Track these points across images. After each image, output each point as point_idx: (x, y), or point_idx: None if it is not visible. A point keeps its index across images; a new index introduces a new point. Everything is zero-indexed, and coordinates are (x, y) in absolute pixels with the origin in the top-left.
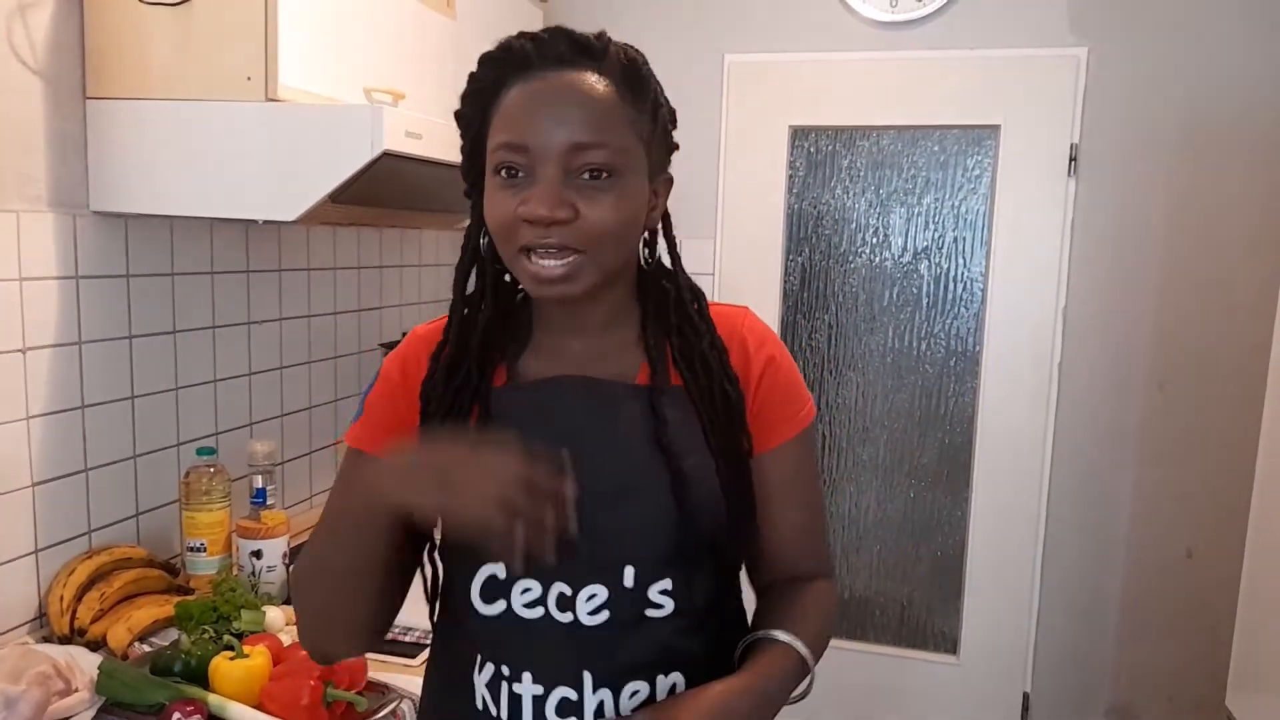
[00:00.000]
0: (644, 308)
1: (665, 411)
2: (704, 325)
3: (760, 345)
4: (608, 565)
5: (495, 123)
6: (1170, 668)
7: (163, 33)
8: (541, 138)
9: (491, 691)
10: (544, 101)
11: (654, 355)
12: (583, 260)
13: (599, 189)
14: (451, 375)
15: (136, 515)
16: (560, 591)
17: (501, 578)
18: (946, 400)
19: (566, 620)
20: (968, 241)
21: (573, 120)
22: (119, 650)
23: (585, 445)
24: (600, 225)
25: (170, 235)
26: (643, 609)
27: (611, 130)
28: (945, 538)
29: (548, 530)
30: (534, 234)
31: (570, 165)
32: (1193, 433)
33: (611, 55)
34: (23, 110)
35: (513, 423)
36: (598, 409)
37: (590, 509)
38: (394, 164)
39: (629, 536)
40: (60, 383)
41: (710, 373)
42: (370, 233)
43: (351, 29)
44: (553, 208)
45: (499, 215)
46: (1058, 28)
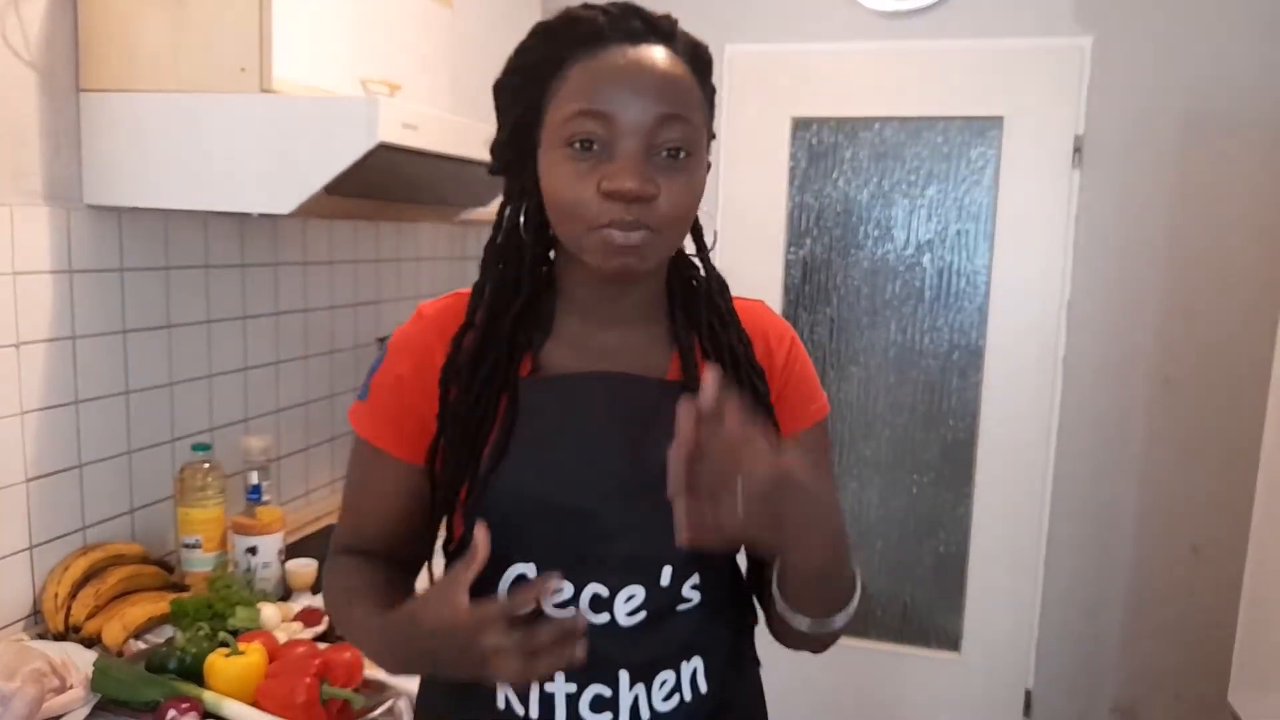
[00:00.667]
0: (672, 299)
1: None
2: (731, 318)
3: (781, 339)
4: (647, 565)
5: (562, 94)
6: (1174, 665)
7: (156, 25)
8: (627, 107)
9: (518, 691)
10: (628, 71)
11: (684, 348)
12: (654, 239)
13: (676, 168)
14: (479, 362)
15: (131, 511)
16: (595, 593)
17: (531, 577)
18: (949, 395)
19: (602, 621)
20: (971, 234)
21: (659, 92)
22: (114, 647)
23: (618, 442)
24: (677, 205)
25: (165, 229)
26: (675, 604)
27: (691, 107)
28: (948, 534)
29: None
30: (615, 210)
31: (654, 140)
32: (1197, 427)
33: (681, 37)
34: (16, 103)
35: (542, 415)
36: (630, 406)
37: (626, 509)
38: (390, 156)
39: (664, 535)
40: (54, 378)
41: (739, 366)
42: (367, 226)
43: (347, 20)
44: (642, 183)
45: (573, 190)
46: (1062, 17)
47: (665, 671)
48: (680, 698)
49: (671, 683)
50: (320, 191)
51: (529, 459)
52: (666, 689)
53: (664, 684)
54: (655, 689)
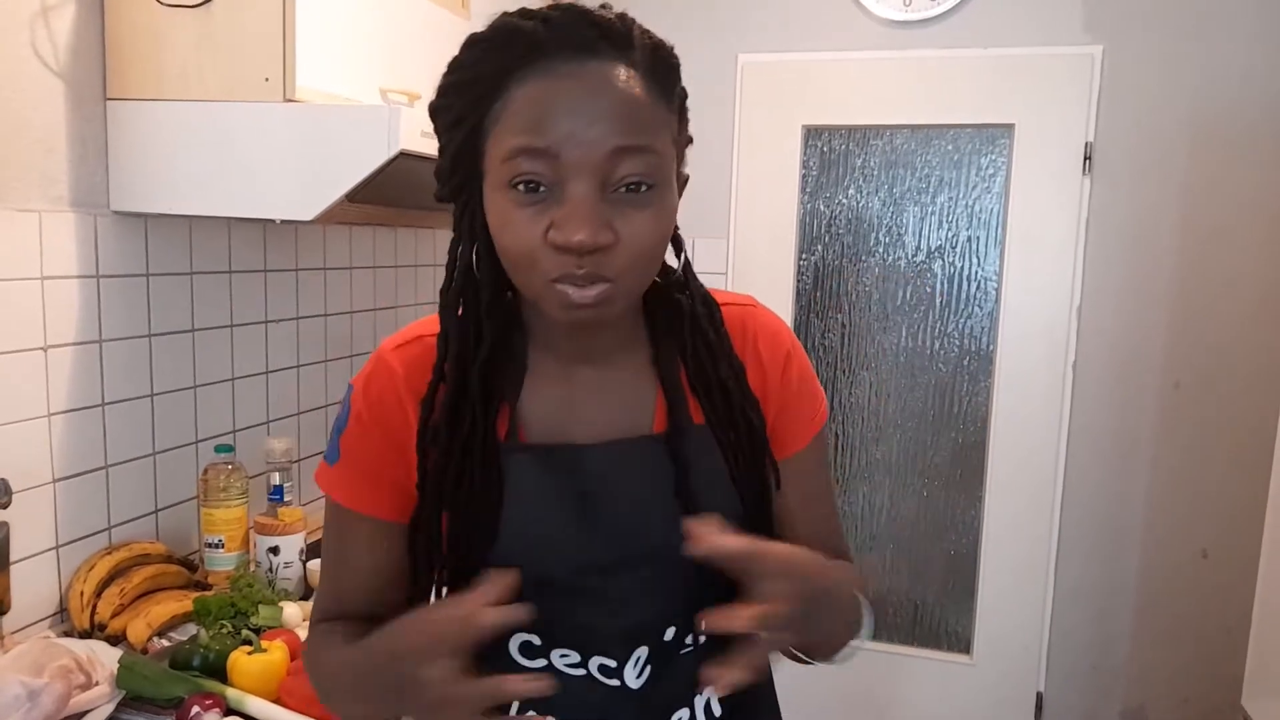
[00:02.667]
0: (653, 326)
1: (687, 457)
2: (719, 344)
3: (775, 349)
4: (651, 630)
5: (503, 122)
6: (1185, 669)
7: (182, 34)
8: (575, 143)
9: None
10: (573, 97)
11: (669, 385)
12: (614, 289)
13: (638, 205)
14: (455, 425)
15: (156, 512)
16: (602, 664)
17: (538, 644)
18: (960, 400)
19: (613, 684)
20: (981, 240)
21: (611, 120)
22: (138, 645)
23: (609, 511)
24: (639, 248)
25: (189, 235)
26: (678, 651)
27: (652, 132)
28: (959, 537)
29: None
30: (568, 263)
31: (609, 176)
32: (1208, 432)
33: (637, 42)
34: (44, 111)
35: (526, 491)
36: (619, 471)
37: (625, 580)
38: (410, 164)
39: (666, 599)
40: (81, 381)
41: (729, 399)
42: (385, 232)
43: (367, 30)
44: (594, 232)
45: (522, 241)
46: (1072, 26)
47: (680, 710)
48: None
49: (686, 717)
50: (342, 198)
51: (521, 536)
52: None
53: (678, 719)
54: None
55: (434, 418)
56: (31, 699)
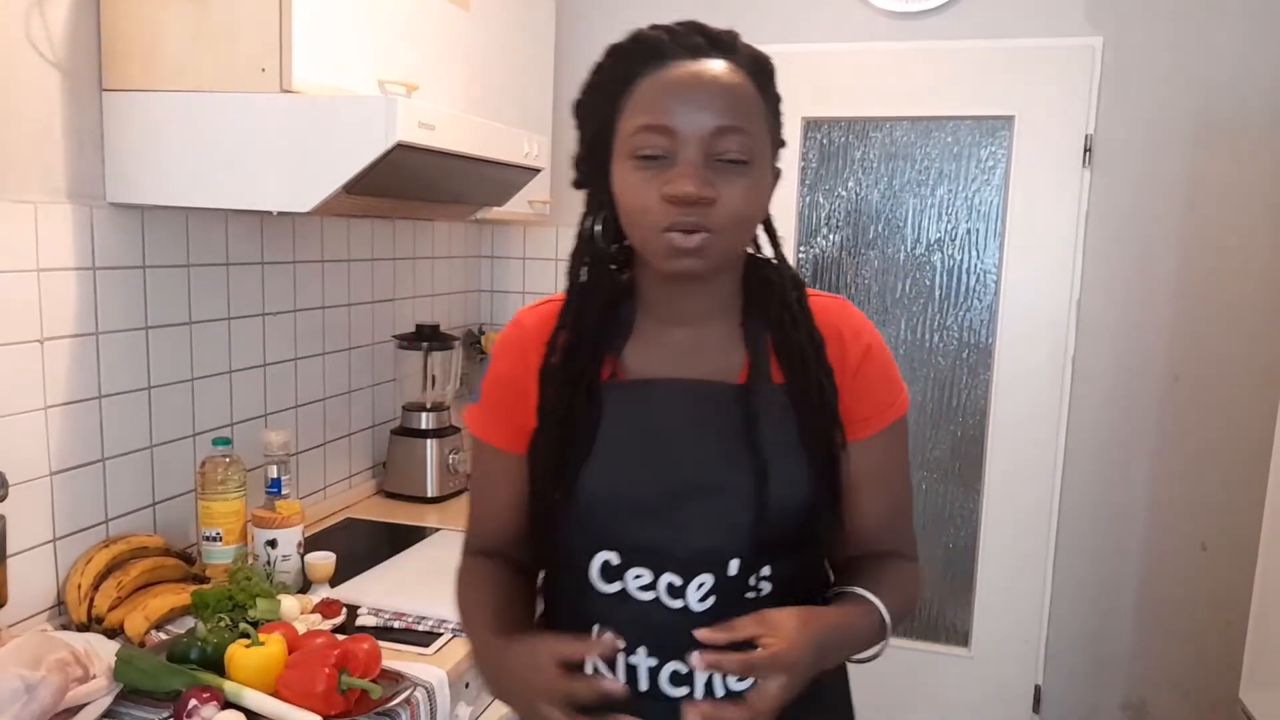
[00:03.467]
0: (747, 298)
1: (760, 410)
2: (803, 318)
3: (856, 336)
4: (714, 558)
5: (630, 109)
6: (1184, 661)
7: (178, 25)
8: (686, 120)
9: (606, 661)
10: (687, 85)
11: (755, 348)
12: (714, 240)
13: (737, 174)
14: (568, 364)
15: (153, 504)
16: (670, 581)
17: (616, 563)
18: (959, 393)
19: (677, 606)
20: (981, 233)
21: (716, 104)
22: (136, 638)
23: (685, 444)
24: (735, 208)
25: (186, 227)
26: (744, 593)
27: (750, 117)
28: (957, 530)
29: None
30: (676, 213)
31: (711, 149)
32: (1208, 425)
33: (741, 50)
34: (40, 102)
35: (623, 419)
36: (697, 410)
37: (695, 506)
38: (407, 155)
39: (726, 531)
40: (78, 373)
41: (807, 366)
42: (383, 224)
43: (365, 21)
44: (700, 187)
45: (639, 197)
46: (1073, 18)
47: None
48: (756, 679)
49: None
50: (339, 190)
51: (610, 458)
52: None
53: None
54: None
55: (553, 359)
56: (29, 692)
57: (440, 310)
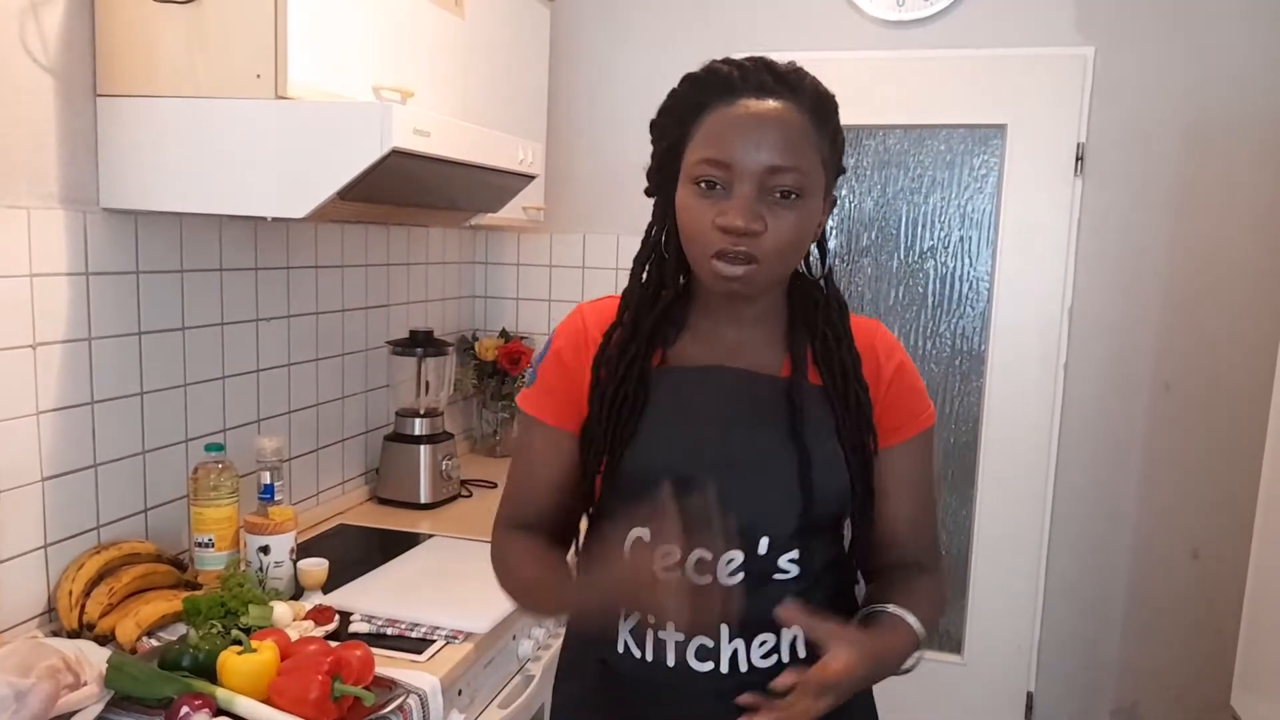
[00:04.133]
0: (792, 310)
1: (803, 404)
2: (845, 334)
3: (890, 355)
4: (746, 534)
5: (697, 138)
6: (1175, 668)
7: (173, 30)
8: (743, 157)
9: (635, 637)
10: (748, 126)
11: (796, 353)
12: (758, 270)
13: (786, 207)
14: (623, 353)
15: (145, 510)
16: (700, 557)
17: (646, 540)
18: (952, 400)
19: (704, 581)
20: (974, 241)
21: (772, 145)
22: (127, 644)
23: (730, 426)
24: (782, 241)
25: (180, 232)
26: (772, 573)
27: (803, 155)
28: (950, 537)
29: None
30: (727, 241)
31: (765, 184)
32: (1199, 432)
33: (808, 89)
34: (34, 107)
35: (671, 400)
36: (745, 396)
37: (732, 483)
38: (402, 161)
39: (763, 511)
40: (70, 378)
41: (846, 377)
42: (378, 230)
43: (360, 27)
44: (749, 221)
45: (695, 221)
46: (1064, 27)
47: (765, 634)
48: (779, 658)
49: (771, 644)
50: (334, 196)
51: (656, 436)
52: (766, 648)
53: (763, 643)
54: (754, 646)
55: (609, 348)
56: (19, 699)
57: (434, 316)
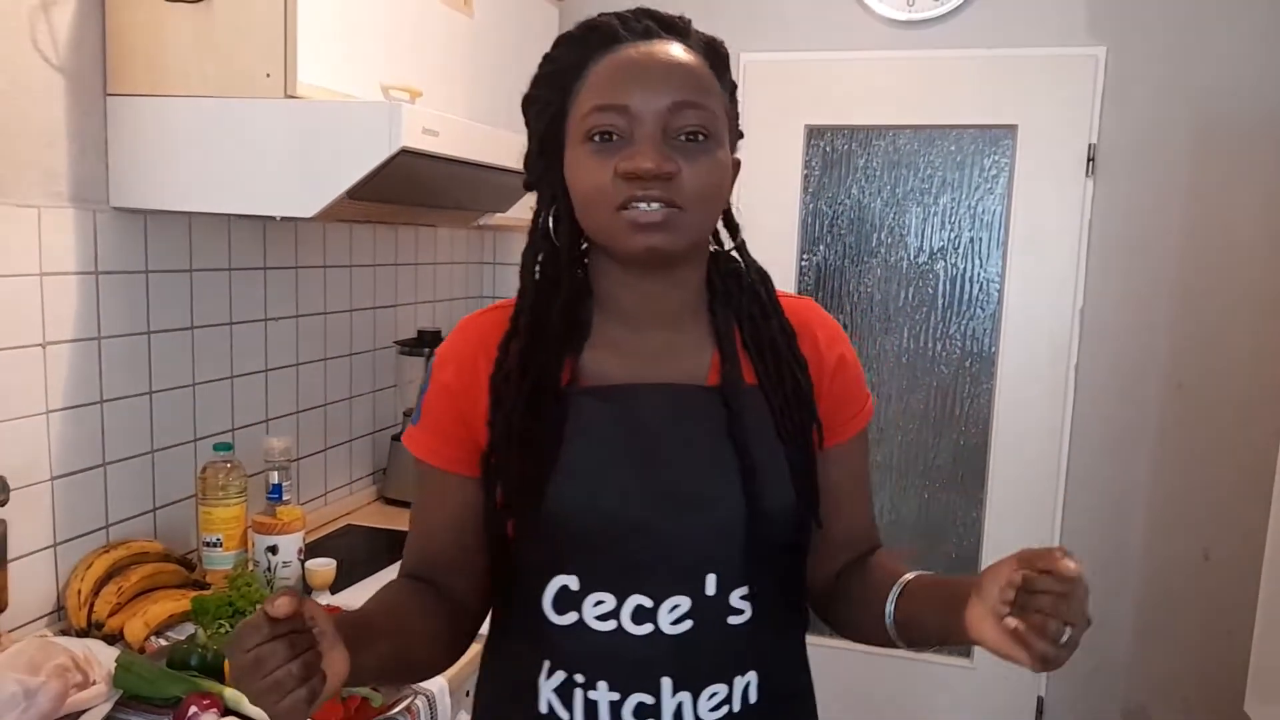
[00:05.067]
0: (713, 293)
1: (740, 411)
2: (773, 308)
3: (831, 343)
4: (690, 575)
5: (583, 94)
6: (1187, 672)
7: (183, 30)
8: (642, 97)
9: (561, 697)
10: (642, 64)
11: (725, 345)
12: (679, 215)
13: (696, 150)
14: (525, 370)
15: (154, 510)
16: (638, 604)
17: (574, 589)
18: (962, 401)
19: (645, 631)
20: (984, 242)
21: (672, 80)
22: (135, 644)
23: (661, 452)
24: (700, 183)
25: (189, 231)
26: (725, 616)
27: (706, 94)
28: (960, 539)
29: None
30: (635, 188)
31: (670, 125)
32: (1210, 434)
33: (695, 34)
34: (44, 106)
35: (589, 426)
36: (672, 415)
37: (669, 518)
38: (411, 161)
39: (708, 542)
40: (79, 377)
41: (780, 357)
42: (386, 230)
43: (369, 26)
44: (660, 161)
45: (593, 179)
46: (1076, 28)
47: (716, 685)
48: (729, 709)
49: (722, 695)
50: (342, 196)
51: (575, 469)
52: (715, 700)
53: (713, 695)
54: (703, 699)
55: (507, 365)
56: (28, 698)
57: (442, 316)
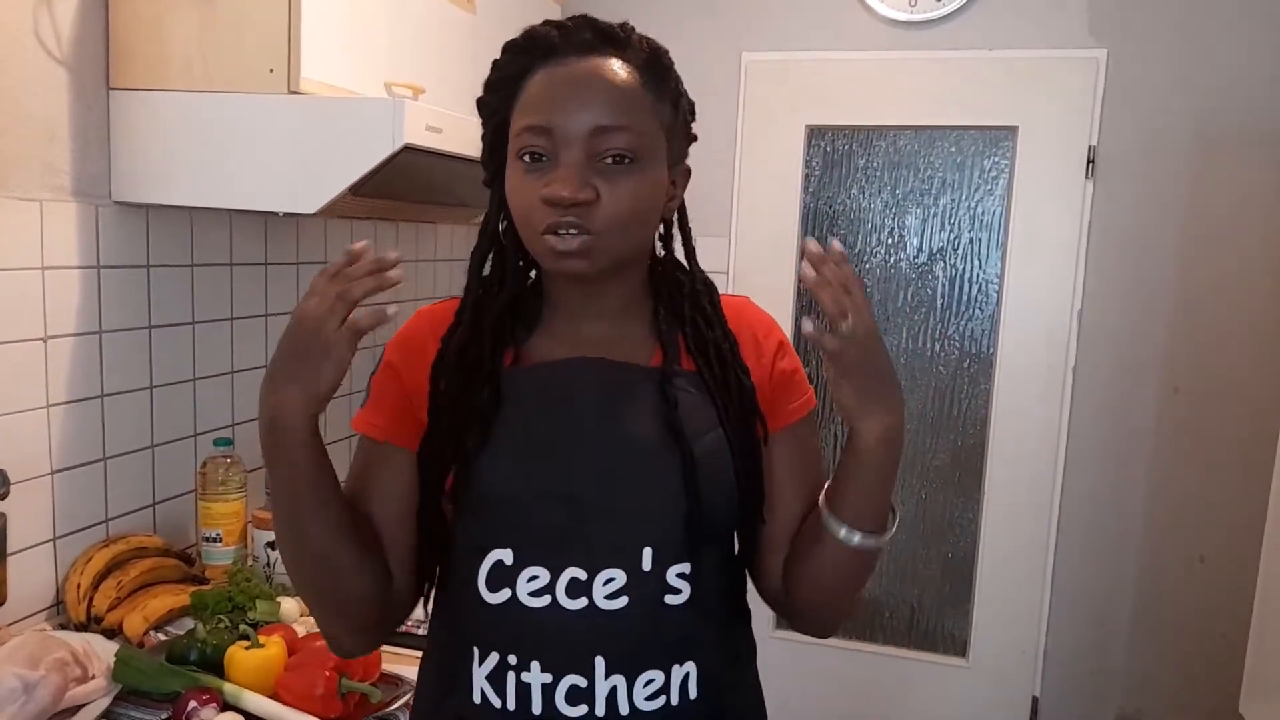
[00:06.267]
0: (656, 299)
1: (677, 394)
2: (716, 318)
3: (769, 335)
4: (626, 547)
5: (519, 108)
6: (1182, 674)
7: (186, 25)
8: (565, 120)
9: (494, 683)
10: (568, 85)
11: (667, 342)
12: (595, 241)
13: (620, 173)
14: (463, 356)
15: (153, 504)
16: (573, 577)
17: (509, 564)
18: (960, 402)
19: (579, 606)
20: (983, 243)
21: (596, 104)
22: (135, 638)
23: (598, 425)
24: (618, 209)
25: (190, 226)
26: (661, 594)
27: (634, 115)
28: (956, 540)
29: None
30: (555, 214)
31: (593, 149)
32: (1207, 437)
33: (635, 44)
34: (47, 100)
35: (525, 402)
36: (610, 390)
37: (605, 489)
38: (413, 158)
39: (644, 516)
40: (80, 372)
41: (724, 362)
42: (387, 226)
43: (373, 23)
44: (575, 190)
45: (522, 199)
46: (1077, 29)
47: (652, 671)
48: (667, 699)
49: (659, 683)
50: (345, 192)
51: (510, 446)
52: (652, 689)
53: (649, 683)
54: (638, 685)
55: (448, 353)
56: (27, 692)
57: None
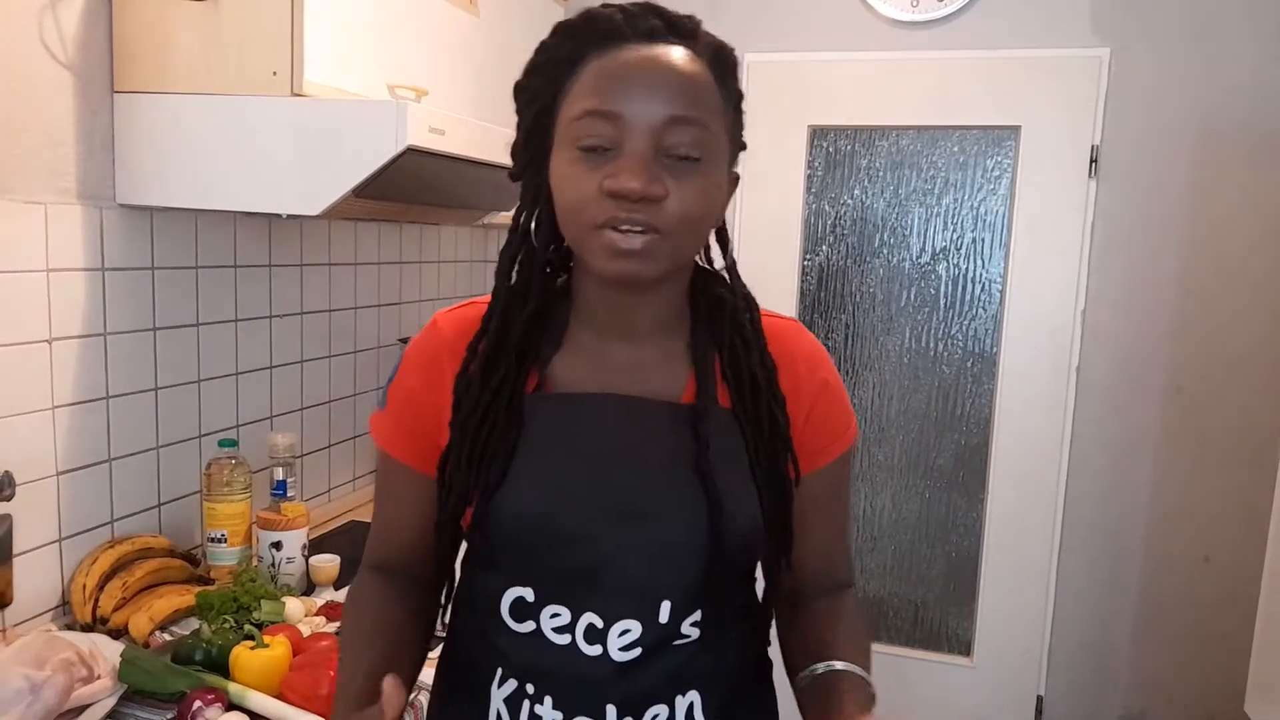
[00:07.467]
0: (695, 314)
1: (708, 435)
2: (755, 340)
3: (813, 370)
4: (644, 598)
5: (574, 93)
6: (1186, 674)
7: (190, 28)
8: (636, 108)
9: (510, 707)
10: (640, 70)
11: (701, 369)
12: (660, 242)
13: (687, 171)
14: (488, 374)
15: (158, 505)
16: (590, 623)
17: (530, 600)
18: (963, 402)
19: (595, 653)
20: (986, 243)
21: (671, 93)
22: (140, 639)
23: (621, 467)
24: (686, 209)
25: (195, 229)
26: (672, 640)
27: (706, 110)
28: (960, 539)
29: None
30: (618, 208)
31: (663, 142)
32: (1211, 437)
33: (703, 38)
34: (51, 103)
35: (547, 435)
36: (637, 430)
37: (627, 537)
38: (416, 160)
39: (664, 565)
40: (85, 373)
41: (758, 392)
42: (390, 228)
43: (376, 26)
44: (647, 182)
45: (577, 190)
46: (1079, 29)
47: (658, 706)
48: None
49: (664, 716)
50: (348, 194)
51: (532, 478)
52: None
53: (655, 717)
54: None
55: (472, 367)
56: (34, 692)
57: None
